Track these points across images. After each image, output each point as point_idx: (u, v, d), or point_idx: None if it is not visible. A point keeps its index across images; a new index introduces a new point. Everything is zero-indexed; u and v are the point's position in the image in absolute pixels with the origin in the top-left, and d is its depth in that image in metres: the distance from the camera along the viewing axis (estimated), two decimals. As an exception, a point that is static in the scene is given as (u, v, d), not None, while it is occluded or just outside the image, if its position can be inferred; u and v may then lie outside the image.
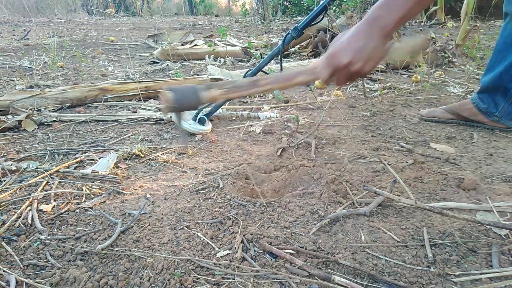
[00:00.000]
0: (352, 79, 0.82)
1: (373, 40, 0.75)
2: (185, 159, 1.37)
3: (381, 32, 0.76)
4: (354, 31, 0.78)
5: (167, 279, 0.76)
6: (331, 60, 0.79)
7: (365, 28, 0.76)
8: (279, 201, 1.06)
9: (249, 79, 0.90)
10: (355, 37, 0.77)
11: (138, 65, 3.35)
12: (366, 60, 0.76)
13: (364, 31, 0.76)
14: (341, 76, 0.80)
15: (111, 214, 1.00)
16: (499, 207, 0.97)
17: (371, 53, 0.76)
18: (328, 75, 0.80)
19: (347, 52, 0.76)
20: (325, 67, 0.80)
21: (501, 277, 0.75)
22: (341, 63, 0.77)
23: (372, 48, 0.76)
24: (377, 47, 0.76)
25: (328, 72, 0.80)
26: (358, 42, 0.76)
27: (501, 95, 1.50)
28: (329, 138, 1.53)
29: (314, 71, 0.84)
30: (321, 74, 0.81)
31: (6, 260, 0.84)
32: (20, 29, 6.40)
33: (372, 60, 0.77)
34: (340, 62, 0.77)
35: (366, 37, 0.76)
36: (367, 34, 0.76)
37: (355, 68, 0.77)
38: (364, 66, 0.76)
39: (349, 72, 0.78)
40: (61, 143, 1.53)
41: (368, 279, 0.76)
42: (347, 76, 0.80)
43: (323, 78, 0.82)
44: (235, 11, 13.18)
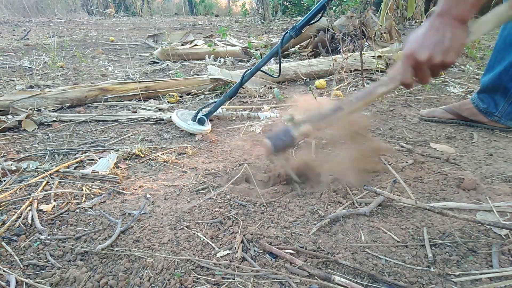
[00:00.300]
0: (436, 73, 0.81)
1: (448, 31, 0.75)
2: (185, 159, 1.37)
3: (456, 21, 0.75)
4: (428, 27, 0.77)
5: (167, 279, 0.76)
6: (410, 60, 0.78)
7: (438, 21, 0.76)
8: (279, 201, 1.06)
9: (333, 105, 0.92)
10: (430, 32, 0.76)
11: (138, 65, 3.35)
12: (446, 51, 0.75)
13: (437, 24, 0.75)
14: (423, 73, 0.79)
15: (111, 214, 1.00)
16: (499, 207, 0.97)
17: (449, 43, 0.75)
18: (410, 76, 0.80)
19: (424, 48, 0.76)
20: (405, 69, 0.79)
21: (501, 277, 0.75)
22: (421, 60, 0.76)
23: (450, 39, 0.75)
24: (455, 37, 0.75)
25: (409, 73, 0.80)
26: (433, 36, 0.75)
27: (501, 95, 1.50)
28: (329, 138, 1.53)
29: (395, 77, 0.83)
30: (403, 77, 0.81)
31: (6, 260, 0.84)
32: (20, 29, 6.40)
33: (452, 50, 0.76)
34: (419, 59, 0.76)
35: (441, 30, 0.75)
36: (441, 26, 0.75)
37: (437, 61, 0.76)
38: (446, 58, 0.75)
39: (431, 67, 0.78)
40: (61, 143, 1.53)
41: (368, 279, 0.76)
42: (430, 72, 0.79)
43: (406, 80, 0.81)
44: (235, 11, 13.18)
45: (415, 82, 0.84)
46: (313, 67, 2.63)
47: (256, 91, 2.28)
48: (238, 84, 1.52)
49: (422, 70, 0.79)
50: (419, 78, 0.81)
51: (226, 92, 1.58)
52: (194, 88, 2.28)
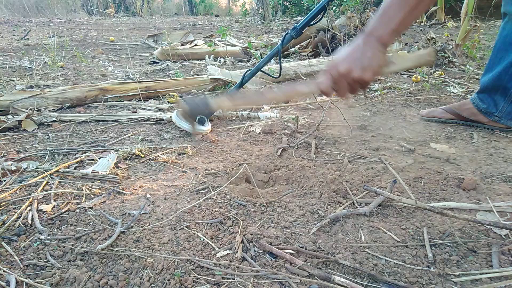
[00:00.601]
0: (354, 89, 0.86)
1: (369, 51, 0.81)
2: (185, 159, 1.37)
3: (377, 42, 0.81)
4: (353, 44, 0.84)
5: (167, 279, 0.76)
6: (331, 70, 0.84)
7: (362, 40, 0.82)
8: (279, 201, 1.06)
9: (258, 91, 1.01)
10: (354, 49, 0.83)
11: (138, 65, 3.35)
12: (364, 68, 0.81)
13: (361, 42, 0.82)
14: (341, 85, 0.85)
15: (111, 214, 1.00)
16: (499, 207, 0.97)
17: (368, 62, 0.81)
18: (328, 84, 0.86)
19: (345, 62, 0.82)
20: (325, 78, 0.85)
21: (501, 277, 0.75)
22: (339, 72, 0.82)
23: (369, 58, 0.81)
24: (374, 57, 0.81)
25: (328, 82, 0.86)
26: (355, 52, 0.82)
27: (501, 95, 1.50)
28: (329, 138, 1.53)
29: (316, 82, 0.89)
30: (322, 84, 0.87)
31: (6, 260, 0.84)
32: (20, 29, 6.40)
33: (370, 69, 0.81)
34: (339, 71, 0.82)
35: (363, 48, 0.81)
36: (364, 45, 0.82)
37: (353, 76, 0.81)
38: (362, 75, 0.81)
39: (349, 81, 0.83)
40: (61, 143, 1.53)
41: (368, 279, 0.76)
42: (347, 86, 0.85)
43: (324, 87, 0.87)
44: (235, 11, 13.18)
45: (333, 92, 0.89)
46: (313, 67, 2.63)
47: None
48: (238, 84, 1.52)
49: (341, 82, 0.84)
50: (337, 89, 0.87)
51: (226, 92, 1.58)
52: (194, 88, 2.28)
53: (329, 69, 0.85)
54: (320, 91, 0.89)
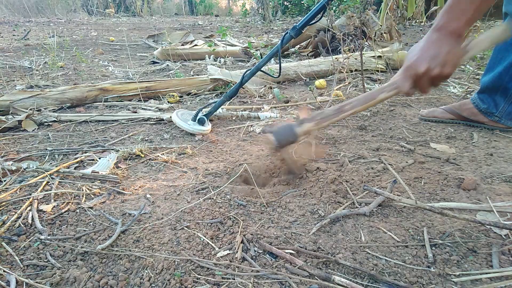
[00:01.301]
0: (436, 84, 0.86)
1: (445, 46, 0.79)
2: (185, 159, 1.37)
3: (452, 36, 0.79)
4: (425, 41, 0.82)
5: (167, 279, 0.76)
6: (409, 72, 0.83)
7: (434, 36, 0.81)
8: (279, 201, 1.06)
9: (335, 107, 0.98)
10: (427, 46, 0.81)
11: (138, 65, 3.35)
12: (443, 64, 0.80)
13: (434, 38, 0.81)
14: (423, 83, 0.84)
15: (111, 214, 1.00)
16: (499, 207, 0.97)
17: (446, 57, 0.80)
18: (409, 86, 0.85)
19: (422, 61, 0.80)
20: (405, 79, 0.85)
21: (501, 277, 0.75)
22: (419, 72, 0.81)
23: (446, 53, 0.79)
24: (451, 51, 0.80)
25: (408, 83, 0.85)
26: (430, 49, 0.80)
27: (501, 95, 1.50)
28: (329, 138, 1.53)
29: (395, 85, 0.88)
30: (403, 86, 0.86)
31: (6, 260, 0.84)
32: (20, 29, 6.40)
33: (449, 63, 0.80)
34: (418, 71, 0.81)
35: (437, 44, 0.80)
36: (438, 41, 0.80)
37: (434, 73, 0.81)
38: (442, 70, 0.80)
39: (430, 79, 0.82)
40: (61, 143, 1.53)
41: (368, 279, 0.76)
42: (428, 83, 0.84)
43: (405, 90, 0.86)
44: (235, 11, 13.18)
45: (415, 91, 0.88)
46: (313, 67, 2.63)
47: (256, 91, 2.28)
48: (238, 84, 1.52)
49: (421, 81, 0.83)
50: (419, 88, 0.86)
51: (226, 92, 1.58)
52: (194, 88, 2.28)
53: (407, 70, 0.83)
54: (402, 93, 0.89)
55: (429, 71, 0.80)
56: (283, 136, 1.00)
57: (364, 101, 0.94)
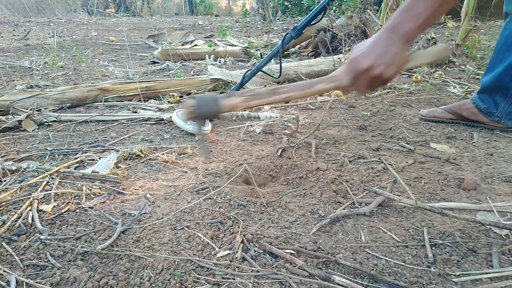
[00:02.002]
0: (374, 86, 0.82)
1: (394, 46, 0.76)
2: (185, 159, 1.37)
3: (402, 38, 0.76)
4: (375, 38, 0.78)
5: (167, 279, 0.76)
6: (352, 66, 0.79)
7: (386, 35, 0.77)
8: (279, 201, 1.06)
9: (270, 88, 0.91)
10: (376, 43, 0.78)
11: (138, 65, 3.35)
12: (387, 65, 0.76)
13: (385, 37, 0.77)
14: (362, 81, 0.80)
15: (111, 214, 1.00)
16: (499, 207, 0.97)
17: (392, 58, 0.76)
18: (349, 80, 0.81)
19: (367, 57, 0.77)
20: (345, 73, 0.80)
21: (501, 277, 0.75)
22: (362, 68, 0.77)
23: (393, 54, 0.76)
24: (398, 53, 0.77)
25: (348, 78, 0.81)
26: (378, 47, 0.77)
27: (501, 95, 1.50)
28: (329, 138, 1.53)
29: (334, 78, 0.84)
30: (342, 80, 0.82)
31: (6, 260, 0.84)
32: (20, 29, 6.40)
33: (393, 65, 0.77)
34: (360, 66, 0.77)
35: (387, 43, 0.76)
36: (388, 40, 0.77)
37: (376, 72, 0.77)
38: (385, 71, 0.77)
39: (370, 78, 0.78)
40: (61, 143, 1.53)
41: (368, 279, 0.76)
42: (368, 82, 0.80)
43: (344, 84, 0.82)
44: (235, 11, 13.19)
45: (353, 89, 0.84)
46: (314, 67, 2.63)
47: (256, 91, 2.28)
48: (238, 84, 1.52)
49: (361, 78, 0.79)
50: (357, 85, 0.82)
51: (228, 91, 1.58)
52: (194, 88, 2.28)
53: (350, 64, 0.79)
54: (340, 88, 0.84)
55: (372, 69, 0.76)
56: (206, 104, 0.90)
57: (301, 88, 0.89)
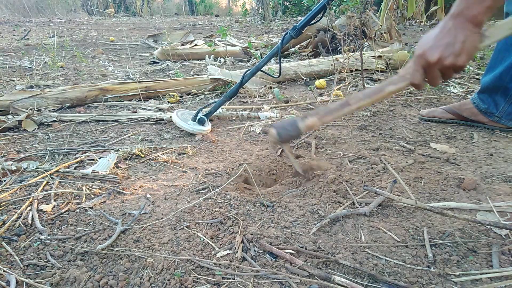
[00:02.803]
0: (447, 76, 0.79)
1: (462, 33, 0.73)
2: (185, 159, 1.37)
3: (470, 23, 0.73)
4: (440, 28, 0.76)
5: (167, 279, 0.76)
6: (420, 60, 0.77)
7: (451, 23, 0.74)
8: (279, 201, 1.06)
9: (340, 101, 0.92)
10: (442, 33, 0.75)
11: (138, 65, 3.35)
12: (458, 53, 0.74)
13: (450, 25, 0.74)
14: (434, 74, 0.78)
15: (111, 214, 1.00)
16: (499, 207, 0.97)
17: (461, 46, 0.74)
18: (420, 76, 0.79)
19: (435, 49, 0.75)
20: (415, 69, 0.79)
21: (501, 277, 0.75)
22: (431, 61, 0.75)
23: (462, 42, 0.73)
24: (467, 39, 0.74)
25: (419, 73, 0.79)
26: (445, 37, 0.74)
27: (502, 95, 1.50)
28: (329, 138, 1.53)
29: (404, 76, 0.82)
30: (413, 77, 0.80)
31: (6, 260, 0.84)
32: (20, 29, 6.40)
33: (464, 53, 0.74)
34: (430, 60, 0.75)
35: (453, 32, 0.74)
36: (454, 28, 0.74)
37: (447, 63, 0.75)
38: (456, 60, 0.75)
39: (441, 69, 0.76)
40: (61, 143, 1.53)
41: (368, 279, 0.76)
42: (440, 73, 0.78)
43: (416, 81, 0.80)
44: (235, 11, 13.18)
45: (425, 83, 0.82)
46: (313, 67, 2.63)
47: (256, 91, 2.28)
48: (238, 84, 1.52)
49: (433, 71, 0.78)
50: (429, 79, 0.80)
51: (226, 92, 1.58)
52: (194, 88, 2.28)
53: (418, 59, 0.77)
54: (411, 84, 0.82)
55: (442, 60, 0.74)
56: (285, 130, 0.96)
57: (371, 94, 0.88)
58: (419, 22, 6.60)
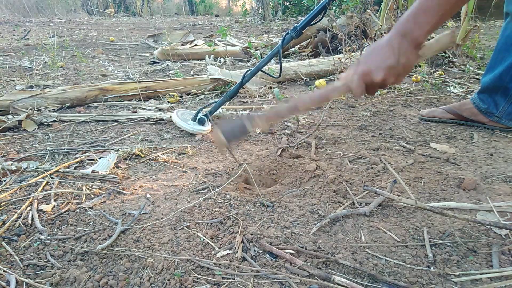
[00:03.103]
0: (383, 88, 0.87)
1: (406, 55, 0.77)
2: (185, 159, 1.37)
3: (413, 44, 0.77)
4: (385, 45, 0.79)
5: (167, 279, 0.76)
6: (365, 78, 0.81)
7: (396, 42, 0.77)
8: (279, 201, 1.06)
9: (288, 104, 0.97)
10: (387, 53, 0.78)
11: (138, 65, 3.35)
12: (399, 74, 0.79)
13: (395, 46, 0.77)
14: (374, 90, 0.84)
15: (111, 214, 1.00)
16: (499, 207, 0.97)
17: (403, 68, 0.78)
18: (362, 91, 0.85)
19: (380, 70, 0.78)
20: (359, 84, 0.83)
21: (501, 277, 0.75)
22: (375, 82, 0.80)
23: (404, 64, 0.77)
24: (409, 61, 0.78)
25: (362, 89, 0.84)
26: (390, 58, 0.77)
27: (502, 95, 1.50)
28: (329, 138, 1.53)
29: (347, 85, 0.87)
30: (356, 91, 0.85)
31: (6, 260, 0.84)
32: (20, 29, 6.40)
33: (403, 74, 0.79)
34: (374, 80, 0.79)
35: (398, 53, 0.77)
36: (399, 49, 0.77)
37: (388, 83, 0.80)
38: (396, 80, 0.80)
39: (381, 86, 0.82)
40: (61, 143, 1.53)
41: (368, 279, 0.76)
42: (378, 89, 0.84)
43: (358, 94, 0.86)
44: (235, 11, 13.18)
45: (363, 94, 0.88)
46: (313, 67, 2.63)
47: (256, 91, 2.28)
48: (238, 84, 1.52)
49: (374, 88, 0.83)
50: (368, 92, 0.86)
51: (227, 92, 1.58)
52: (194, 88, 2.28)
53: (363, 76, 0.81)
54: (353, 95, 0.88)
55: (385, 81, 0.79)
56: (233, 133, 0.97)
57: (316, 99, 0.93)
58: (419, 22, 6.59)
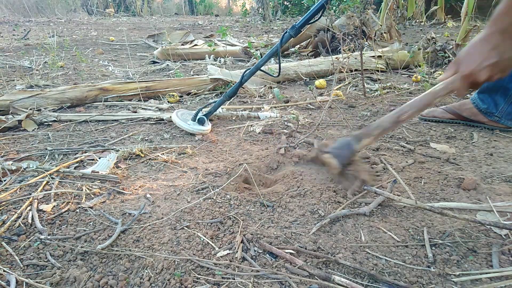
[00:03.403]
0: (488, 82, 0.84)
1: (507, 50, 0.75)
2: (185, 159, 1.37)
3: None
4: (485, 43, 0.77)
5: (167, 279, 0.76)
6: (470, 79, 0.80)
7: (497, 40, 0.76)
8: (279, 201, 1.06)
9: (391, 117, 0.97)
10: (488, 51, 0.76)
11: (138, 65, 3.35)
12: (503, 70, 0.78)
13: (495, 42, 0.76)
14: (478, 86, 0.84)
15: (111, 214, 1.00)
16: (499, 207, 0.97)
17: (507, 62, 0.77)
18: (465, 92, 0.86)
19: (484, 70, 0.77)
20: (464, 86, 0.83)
21: (501, 277, 0.75)
22: (480, 80, 0.79)
23: (508, 59, 0.76)
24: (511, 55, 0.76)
25: (467, 89, 0.84)
26: (492, 56, 0.76)
27: (501, 95, 1.50)
28: (329, 138, 1.53)
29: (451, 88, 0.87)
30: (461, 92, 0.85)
31: (6, 260, 0.84)
32: (20, 29, 6.40)
33: (508, 68, 0.78)
34: (479, 80, 0.79)
35: (500, 49, 0.75)
36: (500, 46, 0.75)
37: (494, 79, 0.79)
38: (502, 75, 0.79)
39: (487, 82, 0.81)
40: (61, 143, 1.53)
41: (368, 279, 0.76)
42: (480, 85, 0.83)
43: (462, 95, 0.88)
44: (235, 11, 13.19)
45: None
46: (313, 67, 2.63)
47: (256, 91, 2.28)
48: (237, 84, 1.52)
49: (479, 85, 0.82)
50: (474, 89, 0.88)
51: (226, 92, 1.58)
52: (194, 88, 2.28)
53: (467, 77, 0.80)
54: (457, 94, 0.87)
55: (491, 78, 0.78)
56: (343, 156, 0.99)
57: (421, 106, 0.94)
58: (419, 22, 6.60)
